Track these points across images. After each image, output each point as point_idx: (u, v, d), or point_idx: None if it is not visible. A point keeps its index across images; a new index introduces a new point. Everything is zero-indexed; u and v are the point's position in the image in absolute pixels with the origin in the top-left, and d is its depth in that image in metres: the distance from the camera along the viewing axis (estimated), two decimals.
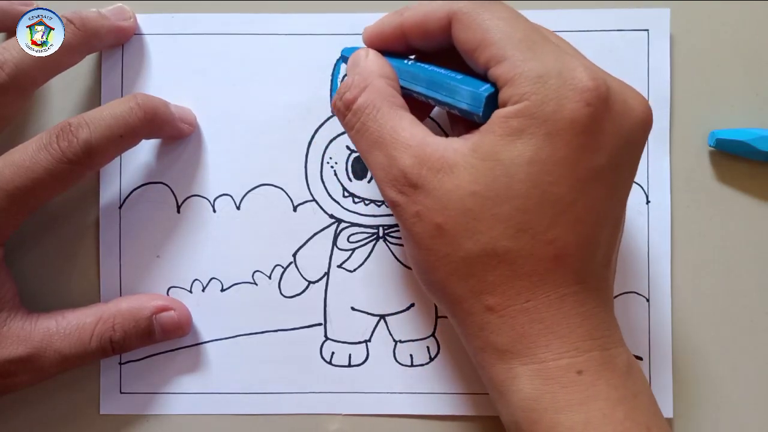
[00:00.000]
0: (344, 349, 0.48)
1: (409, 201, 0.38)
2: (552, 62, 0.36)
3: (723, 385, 0.48)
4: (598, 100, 0.35)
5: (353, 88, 0.40)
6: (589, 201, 0.36)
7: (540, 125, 0.35)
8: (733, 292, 0.48)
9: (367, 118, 0.39)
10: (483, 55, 0.37)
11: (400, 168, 0.38)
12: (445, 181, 0.36)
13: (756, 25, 0.48)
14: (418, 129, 0.38)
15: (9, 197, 0.41)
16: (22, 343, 0.43)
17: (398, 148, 0.38)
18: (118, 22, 0.47)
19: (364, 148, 0.40)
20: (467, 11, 0.38)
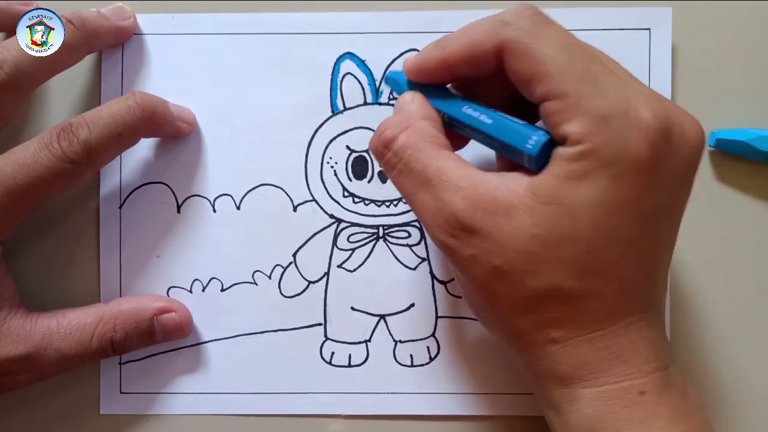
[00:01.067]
0: (344, 349, 0.48)
1: (463, 244, 0.36)
2: (615, 100, 0.34)
3: (723, 385, 0.48)
4: (662, 138, 0.34)
5: (393, 126, 0.39)
6: (651, 234, 0.36)
7: (604, 168, 0.34)
8: (733, 292, 0.48)
9: (410, 159, 0.38)
10: (539, 88, 0.36)
11: (451, 212, 0.36)
12: (503, 224, 0.35)
13: (756, 25, 0.48)
14: (466, 169, 0.37)
15: (10, 194, 0.42)
16: (22, 341, 0.43)
17: (448, 190, 0.36)
18: (117, 21, 0.47)
19: (409, 190, 0.38)
20: (519, 41, 0.36)
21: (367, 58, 0.49)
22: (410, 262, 0.48)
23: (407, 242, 0.48)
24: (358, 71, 0.49)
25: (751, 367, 0.48)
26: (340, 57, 0.49)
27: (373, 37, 0.49)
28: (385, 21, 0.49)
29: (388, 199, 0.49)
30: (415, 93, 0.41)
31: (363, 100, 0.49)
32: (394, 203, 0.48)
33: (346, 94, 0.49)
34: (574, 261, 0.35)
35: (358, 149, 0.49)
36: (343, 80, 0.49)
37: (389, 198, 0.49)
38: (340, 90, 0.49)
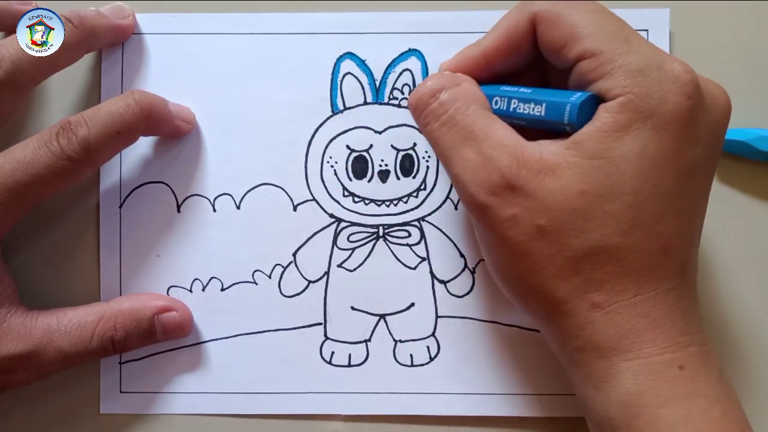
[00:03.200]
0: (344, 348, 0.48)
1: (504, 203, 0.36)
2: (650, 55, 0.36)
3: None
4: (697, 91, 0.35)
5: (441, 80, 0.39)
6: (690, 192, 0.36)
7: (646, 119, 0.35)
8: (733, 292, 0.48)
9: (457, 111, 0.38)
10: (573, 49, 0.37)
11: (496, 167, 0.36)
12: (548, 182, 0.35)
13: (756, 25, 0.48)
14: (512, 132, 0.37)
15: (9, 192, 0.42)
16: (22, 339, 0.43)
17: (494, 146, 0.37)
18: (116, 20, 0.48)
19: (449, 145, 0.38)
20: (551, 8, 0.37)
21: (367, 58, 0.49)
22: (410, 261, 0.48)
23: (407, 242, 0.48)
24: (358, 71, 0.49)
25: (752, 366, 0.48)
26: (340, 57, 0.49)
27: (373, 37, 0.49)
28: (386, 21, 0.49)
29: (388, 199, 0.49)
30: (449, 72, 0.41)
31: (363, 99, 0.49)
32: (394, 203, 0.49)
33: (346, 93, 0.49)
34: (620, 216, 0.35)
35: (358, 149, 0.49)
36: (343, 80, 0.49)
37: (389, 197, 0.49)
38: (340, 90, 0.49)
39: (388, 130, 0.49)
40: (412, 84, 0.49)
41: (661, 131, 0.35)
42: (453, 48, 0.48)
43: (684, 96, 0.35)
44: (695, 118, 0.35)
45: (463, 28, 0.49)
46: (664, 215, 0.35)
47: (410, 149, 0.49)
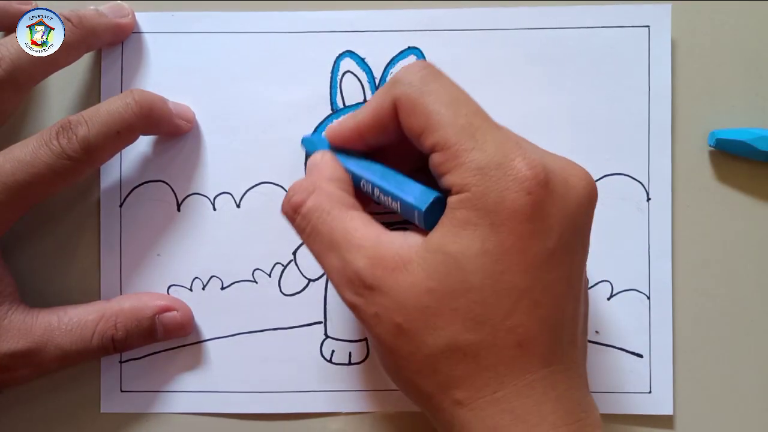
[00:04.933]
0: (344, 347, 0.49)
1: (367, 302, 0.37)
2: (492, 152, 0.35)
3: (723, 384, 0.48)
4: (538, 186, 0.35)
5: (301, 191, 0.40)
6: (544, 284, 0.35)
7: (484, 216, 0.34)
8: (734, 292, 0.48)
9: (318, 221, 0.39)
10: (428, 140, 0.37)
11: (354, 270, 0.37)
12: (401, 280, 0.36)
13: (756, 25, 0.48)
14: (371, 228, 0.38)
15: (9, 190, 0.42)
16: (23, 337, 0.43)
17: (351, 250, 0.37)
18: (116, 19, 0.47)
19: (318, 252, 0.39)
20: (409, 97, 0.38)
21: (367, 56, 0.49)
22: None
23: None
24: (357, 69, 0.49)
25: (752, 366, 0.48)
26: (340, 55, 0.49)
27: (372, 35, 0.49)
28: (385, 19, 0.49)
29: None
30: (324, 152, 0.43)
31: (363, 97, 0.49)
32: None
33: (345, 92, 0.49)
34: (467, 313, 0.35)
35: None
36: (342, 78, 0.49)
37: None
38: (339, 88, 0.49)
39: None
40: None
41: (499, 227, 0.34)
42: (452, 46, 0.48)
43: (522, 192, 0.34)
44: (540, 212, 0.35)
45: (462, 25, 0.49)
46: (514, 309, 0.35)
47: None
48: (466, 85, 0.47)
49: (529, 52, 0.48)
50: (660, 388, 0.48)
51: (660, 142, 0.48)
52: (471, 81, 0.48)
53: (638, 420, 0.48)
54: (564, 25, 0.48)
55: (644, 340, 0.48)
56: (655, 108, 0.48)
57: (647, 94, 0.48)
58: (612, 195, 0.48)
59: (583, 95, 0.48)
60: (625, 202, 0.48)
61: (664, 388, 0.48)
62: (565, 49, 0.48)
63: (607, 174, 0.48)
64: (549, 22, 0.48)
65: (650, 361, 0.48)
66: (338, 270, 0.38)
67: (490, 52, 0.48)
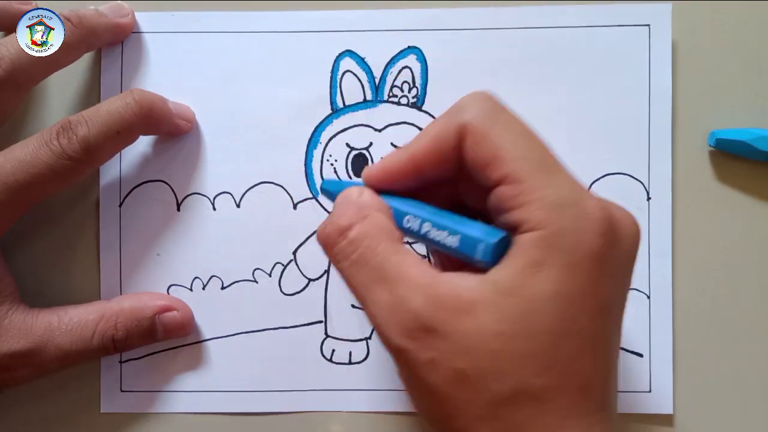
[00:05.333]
0: (345, 346, 0.49)
1: (422, 347, 0.33)
2: (568, 190, 0.34)
3: (723, 383, 0.48)
4: (609, 229, 0.34)
5: (349, 215, 0.37)
6: (605, 328, 0.35)
7: (560, 255, 0.33)
8: (734, 292, 0.48)
9: (367, 250, 0.36)
10: (496, 172, 0.35)
11: (410, 309, 0.34)
12: (465, 323, 0.33)
13: (756, 25, 0.48)
14: (425, 266, 0.35)
15: (9, 190, 0.42)
16: (23, 337, 0.43)
17: (408, 286, 0.34)
18: (116, 19, 0.47)
19: (361, 285, 0.36)
20: (479, 124, 0.35)
21: (367, 56, 0.49)
22: None
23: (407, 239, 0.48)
24: (357, 69, 0.49)
25: (752, 366, 0.48)
26: (340, 55, 0.49)
27: (372, 34, 0.49)
28: (385, 19, 0.49)
29: None
30: (362, 188, 0.39)
31: (363, 97, 0.49)
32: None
33: (345, 91, 0.49)
34: (537, 356, 0.33)
35: (358, 147, 0.49)
36: (342, 78, 0.49)
37: None
38: (339, 88, 0.49)
39: (387, 128, 0.49)
40: (412, 82, 0.49)
41: (575, 268, 0.33)
42: (452, 45, 0.48)
43: (597, 234, 0.33)
44: (609, 255, 0.34)
45: (462, 25, 0.49)
46: (581, 353, 0.34)
47: None
48: (467, 85, 0.48)
49: (529, 51, 0.48)
50: (660, 388, 0.48)
51: (660, 141, 0.48)
52: (471, 80, 0.48)
53: (638, 419, 0.48)
54: (564, 24, 0.48)
55: (644, 340, 0.48)
56: (655, 107, 0.48)
57: (647, 93, 0.48)
58: (612, 194, 0.47)
59: (584, 94, 0.48)
60: (625, 202, 0.47)
61: (664, 388, 0.48)
62: (565, 48, 0.48)
63: (608, 173, 0.48)
64: (549, 22, 0.48)
65: (650, 361, 0.48)
66: (388, 307, 0.34)
67: (490, 52, 0.48)
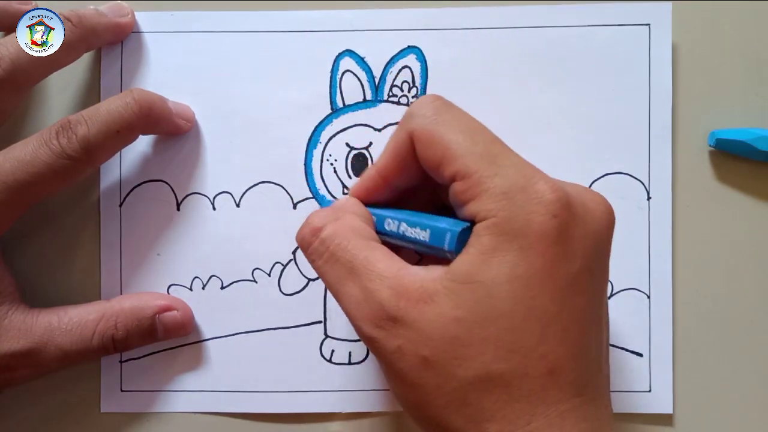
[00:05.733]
0: (344, 346, 0.49)
1: (389, 335, 0.35)
2: (514, 176, 0.35)
3: (723, 382, 0.48)
4: (563, 209, 0.34)
5: (322, 217, 0.40)
6: (571, 309, 0.35)
7: (512, 240, 0.34)
8: (734, 292, 0.48)
9: (337, 248, 0.38)
10: (447, 170, 0.37)
11: (376, 301, 0.36)
12: (426, 311, 0.35)
13: (756, 25, 0.48)
14: (393, 260, 0.37)
15: (8, 190, 0.42)
16: (23, 337, 0.43)
17: (374, 279, 0.36)
18: (115, 19, 0.47)
19: (334, 280, 0.38)
20: (424, 128, 0.38)
21: (367, 55, 0.49)
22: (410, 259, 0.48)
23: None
24: (357, 68, 0.49)
25: (752, 367, 0.48)
26: (340, 54, 0.49)
27: (372, 34, 0.49)
28: (384, 18, 0.49)
29: None
30: (350, 196, 0.42)
31: (362, 97, 0.49)
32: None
33: (345, 91, 0.49)
34: (498, 341, 0.34)
35: (358, 146, 0.49)
36: (342, 78, 0.49)
37: None
38: (339, 87, 0.49)
39: (387, 128, 0.49)
40: (411, 81, 0.49)
41: (527, 251, 0.34)
42: (452, 44, 0.48)
43: (548, 215, 0.34)
44: (565, 235, 0.34)
45: (462, 24, 0.48)
46: (544, 336, 0.34)
47: None
48: (466, 85, 0.48)
49: (529, 51, 0.48)
50: (660, 387, 0.48)
51: (660, 140, 0.48)
52: (471, 80, 0.48)
53: (638, 418, 0.48)
54: (564, 24, 0.48)
55: (644, 339, 0.48)
56: (655, 106, 0.48)
57: (648, 93, 0.48)
58: (612, 194, 0.48)
59: (584, 93, 0.48)
60: (625, 201, 0.48)
61: (663, 387, 0.48)
62: (566, 47, 0.48)
63: (608, 173, 0.48)
64: (549, 21, 0.48)
65: (650, 360, 0.48)
66: (357, 300, 0.37)
67: (490, 51, 0.48)
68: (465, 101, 0.47)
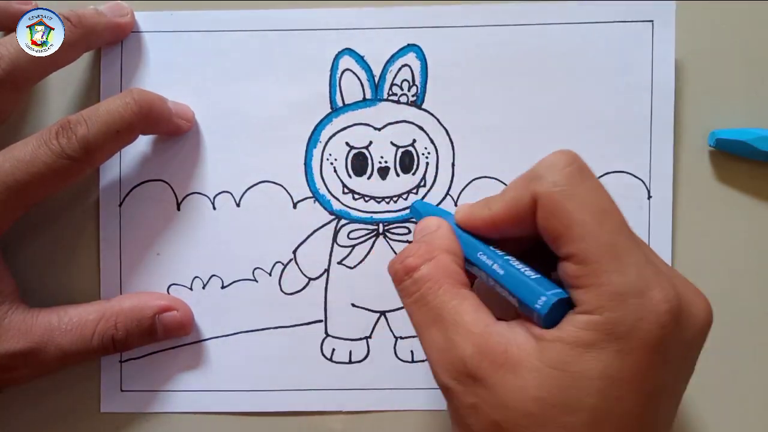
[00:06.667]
0: (345, 345, 0.49)
1: (466, 391, 0.35)
2: (634, 278, 0.34)
3: (723, 382, 0.48)
4: (672, 321, 0.34)
5: (417, 255, 0.39)
6: (653, 413, 0.34)
7: (612, 342, 0.33)
8: (734, 291, 0.48)
9: (428, 291, 0.37)
10: (564, 248, 0.35)
11: (459, 356, 0.35)
12: (508, 380, 0.34)
13: (756, 25, 0.48)
14: (481, 314, 0.36)
15: (8, 190, 0.42)
16: (23, 337, 0.43)
17: (460, 332, 0.36)
18: (115, 18, 0.47)
19: (420, 323, 0.38)
20: (552, 197, 0.35)
21: (366, 54, 0.49)
22: None
23: (407, 238, 0.48)
24: (357, 67, 0.49)
25: (751, 366, 0.48)
26: (339, 53, 0.49)
27: (371, 32, 0.49)
28: (384, 16, 0.49)
29: (388, 196, 0.49)
30: (441, 220, 0.41)
31: (362, 96, 0.49)
32: (393, 200, 0.49)
33: (345, 90, 0.49)
34: (573, 430, 0.33)
35: (358, 146, 0.49)
36: (342, 76, 0.49)
37: (389, 194, 0.49)
38: (339, 86, 0.49)
39: (387, 127, 0.49)
40: (411, 80, 0.49)
41: (626, 356, 0.33)
42: (452, 42, 0.48)
43: (657, 326, 0.33)
44: (666, 344, 0.34)
45: (462, 22, 0.48)
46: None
47: (410, 146, 0.49)
48: (466, 83, 0.48)
49: (530, 48, 0.48)
50: None
51: (662, 139, 0.48)
52: (471, 78, 0.48)
53: None
54: (566, 21, 0.48)
55: None
56: (657, 104, 0.48)
57: (650, 91, 0.48)
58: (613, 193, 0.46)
59: (585, 91, 0.48)
60: (626, 200, 0.48)
61: None
62: (567, 44, 0.48)
63: (609, 171, 0.48)
64: (550, 18, 0.48)
65: None
66: (440, 349, 0.36)
67: (491, 49, 0.48)
68: (465, 100, 0.48)
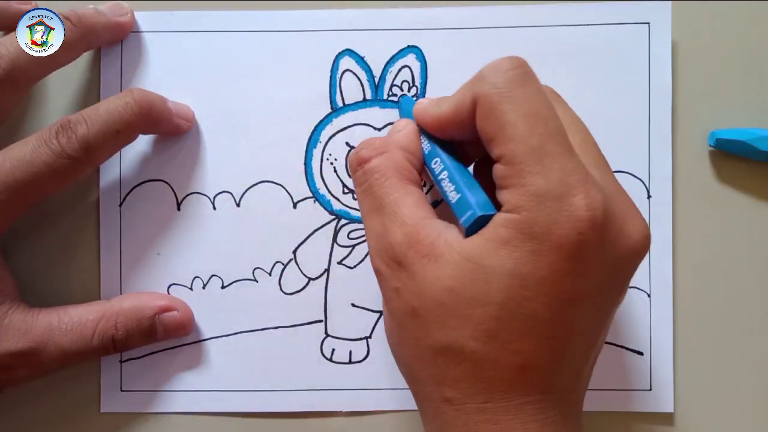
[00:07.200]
0: (345, 345, 0.49)
1: (392, 275, 0.37)
2: (555, 182, 0.34)
3: (723, 381, 0.48)
4: (591, 230, 0.34)
5: (372, 148, 0.40)
6: (565, 320, 0.35)
7: (526, 241, 0.34)
8: (734, 291, 0.48)
9: (375, 182, 0.39)
10: (496, 149, 0.35)
11: (390, 241, 0.37)
12: (428, 269, 0.36)
13: (756, 25, 0.48)
14: (419, 209, 0.38)
15: (8, 189, 0.42)
16: (23, 336, 0.43)
17: (395, 222, 0.38)
18: (115, 18, 0.47)
19: (364, 211, 0.40)
20: (489, 99, 0.36)
21: (366, 55, 0.49)
22: None
23: None
24: (357, 68, 0.49)
25: (752, 365, 0.48)
26: (339, 54, 0.49)
27: (372, 33, 0.49)
28: (384, 17, 0.49)
29: None
30: (409, 121, 0.43)
31: (362, 96, 0.49)
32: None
33: (345, 91, 0.49)
34: (480, 323, 0.34)
35: None
36: (342, 77, 0.49)
37: None
38: (339, 87, 0.49)
39: (387, 127, 0.49)
40: (411, 81, 0.49)
41: (537, 256, 0.34)
42: (451, 44, 0.48)
43: (573, 231, 0.33)
44: (583, 254, 0.34)
45: (462, 24, 0.49)
46: (527, 335, 0.34)
47: None
48: None
49: (529, 50, 0.48)
50: (660, 386, 0.48)
51: (660, 139, 0.48)
52: None
53: (639, 417, 0.48)
54: (563, 23, 0.48)
55: (645, 338, 0.48)
56: (655, 105, 0.48)
57: (647, 91, 0.48)
58: None
59: (584, 92, 0.48)
60: None
61: (664, 386, 0.48)
62: (565, 46, 0.48)
63: None
64: (548, 20, 0.48)
65: (651, 359, 0.48)
66: (377, 235, 0.39)
67: (490, 50, 0.48)
68: None
